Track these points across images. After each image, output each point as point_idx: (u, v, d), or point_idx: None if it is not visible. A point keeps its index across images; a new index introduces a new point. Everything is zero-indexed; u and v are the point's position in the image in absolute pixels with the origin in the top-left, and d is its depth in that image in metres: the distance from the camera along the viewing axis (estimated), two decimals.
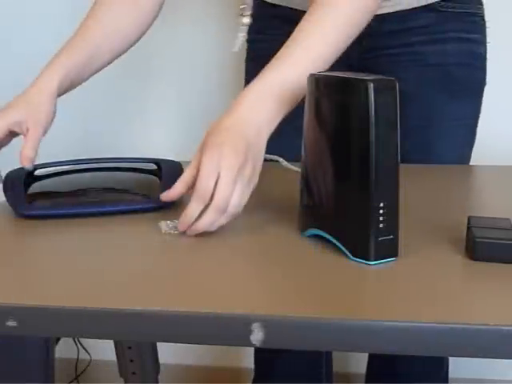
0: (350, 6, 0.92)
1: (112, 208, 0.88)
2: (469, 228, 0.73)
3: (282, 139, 0.93)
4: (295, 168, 0.98)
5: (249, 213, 0.84)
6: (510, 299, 0.62)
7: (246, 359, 1.77)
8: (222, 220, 0.79)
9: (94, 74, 1.06)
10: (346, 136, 0.71)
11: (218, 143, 0.79)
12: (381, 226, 0.69)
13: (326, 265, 0.70)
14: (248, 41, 1.25)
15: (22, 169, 0.95)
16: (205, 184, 0.77)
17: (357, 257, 0.70)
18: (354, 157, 0.70)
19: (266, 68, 0.88)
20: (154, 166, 1.03)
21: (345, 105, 0.71)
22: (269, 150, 0.87)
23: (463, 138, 1.20)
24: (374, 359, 1.38)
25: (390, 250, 0.70)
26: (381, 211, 0.68)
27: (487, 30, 1.19)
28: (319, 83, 0.75)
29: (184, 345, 1.71)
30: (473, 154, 1.26)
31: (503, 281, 0.66)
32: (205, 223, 0.78)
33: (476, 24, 1.18)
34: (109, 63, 1.08)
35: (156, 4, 1.11)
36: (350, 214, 0.71)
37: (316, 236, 0.76)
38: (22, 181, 0.93)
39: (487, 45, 1.19)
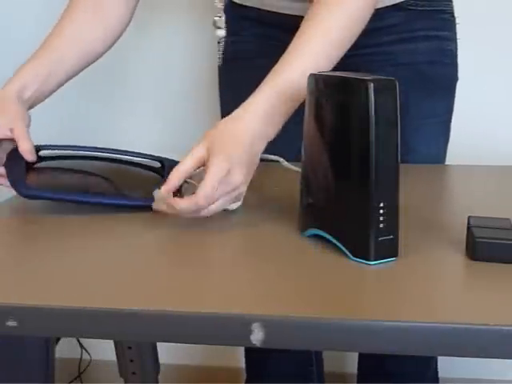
0: (352, 4, 0.92)
1: (112, 201, 0.88)
2: (469, 228, 0.73)
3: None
4: (295, 168, 0.98)
5: (249, 212, 0.84)
6: (510, 299, 0.62)
7: None
8: (196, 214, 0.81)
9: (59, 85, 1.07)
10: (345, 136, 0.71)
11: (228, 154, 0.81)
12: (381, 226, 0.69)
13: (326, 265, 0.70)
14: (220, 44, 1.26)
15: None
16: (209, 194, 0.79)
17: (357, 257, 0.70)
18: (353, 157, 0.70)
19: (273, 73, 0.89)
20: (158, 164, 1.03)
21: (345, 105, 0.71)
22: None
23: (438, 134, 1.21)
24: (363, 359, 1.38)
25: (389, 250, 0.70)
26: (381, 211, 0.68)
27: (457, 26, 1.20)
28: (319, 83, 0.75)
29: (184, 345, 1.71)
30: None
31: (503, 281, 0.66)
32: (182, 210, 0.81)
33: (445, 21, 1.18)
34: (73, 75, 1.09)
35: (125, 15, 1.12)
36: (349, 214, 0.71)
37: (316, 236, 0.76)
38: (23, 160, 0.92)
39: (457, 41, 1.20)
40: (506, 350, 0.57)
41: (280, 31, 1.19)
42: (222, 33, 1.12)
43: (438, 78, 1.18)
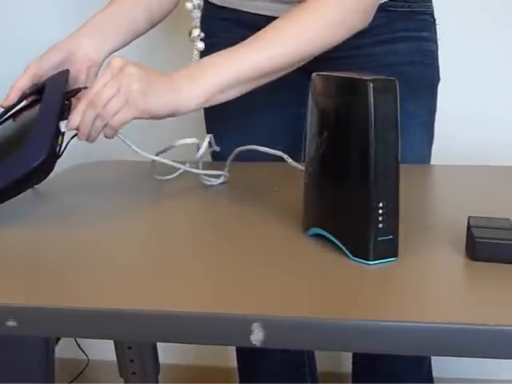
0: (333, 11, 0.95)
1: None
2: (469, 228, 0.73)
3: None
4: (300, 166, 0.98)
5: (253, 211, 0.84)
6: (510, 299, 0.62)
7: None
8: (99, 123, 0.86)
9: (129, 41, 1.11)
10: (346, 136, 0.71)
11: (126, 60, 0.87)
12: (380, 226, 0.69)
13: (326, 265, 0.71)
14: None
15: None
16: (98, 89, 0.85)
17: (357, 257, 0.70)
18: (353, 156, 0.70)
19: (226, 57, 0.93)
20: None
21: (345, 105, 0.71)
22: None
23: (421, 135, 1.21)
24: (357, 359, 1.38)
25: (389, 250, 0.70)
26: (380, 211, 0.68)
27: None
28: (322, 83, 0.75)
29: (184, 345, 1.71)
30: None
31: (503, 281, 0.66)
32: (78, 117, 0.86)
33: (425, 22, 1.19)
34: (144, 32, 1.13)
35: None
36: (350, 214, 0.71)
37: (319, 235, 0.76)
38: None
39: (438, 42, 1.20)
40: (506, 349, 0.57)
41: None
42: (201, 45, 1.13)
43: (419, 79, 1.18)
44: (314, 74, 0.77)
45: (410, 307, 0.61)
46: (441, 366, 1.34)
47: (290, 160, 1.06)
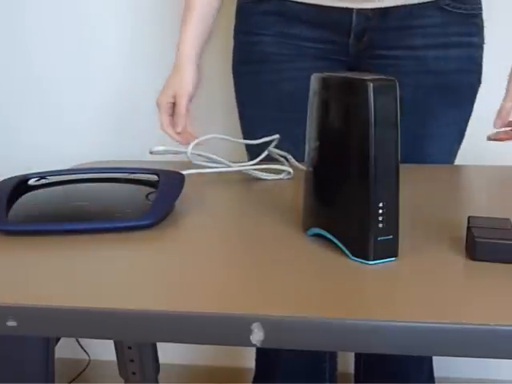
0: None
1: (105, 225, 0.83)
2: (469, 228, 0.73)
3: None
4: (301, 166, 0.98)
5: (253, 210, 0.84)
6: (510, 299, 0.62)
7: (247, 359, 1.77)
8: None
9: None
10: (346, 136, 0.71)
11: None
12: (380, 225, 0.69)
13: (326, 264, 0.71)
14: (237, 43, 1.22)
15: (14, 178, 0.94)
16: None
17: (357, 257, 0.70)
18: (353, 156, 0.70)
19: None
20: (155, 177, 0.97)
21: (345, 104, 0.71)
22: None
23: (454, 140, 1.21)
24: (359, 359, 1.38)
25: (389, 250, 0.70)
26: (380, 211, 0.68)
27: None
28: (322, 82, 0.75)
29: (184, 345, 1.71)
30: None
31: (503, 281, 0.66)
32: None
33: (477, 26, 1.16)
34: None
35: None
36: (350, 214, 0.71)
37: (319, 235, 0.76)
38: (7, 192, 0.89)
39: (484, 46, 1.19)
40: (506, 350, 0.57)
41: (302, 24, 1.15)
42: None
43: (464, 87, 1.16)
44: (313, 74, 0.77)
45: (409, 307, 0.61)
46: (441, 366, 1.34)
47: (292, 160, 1.06)
